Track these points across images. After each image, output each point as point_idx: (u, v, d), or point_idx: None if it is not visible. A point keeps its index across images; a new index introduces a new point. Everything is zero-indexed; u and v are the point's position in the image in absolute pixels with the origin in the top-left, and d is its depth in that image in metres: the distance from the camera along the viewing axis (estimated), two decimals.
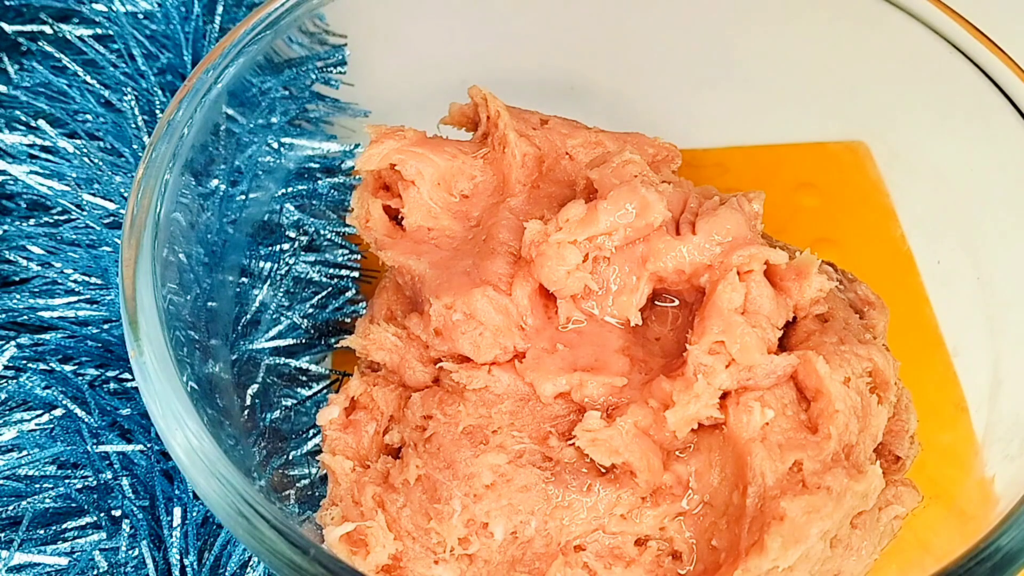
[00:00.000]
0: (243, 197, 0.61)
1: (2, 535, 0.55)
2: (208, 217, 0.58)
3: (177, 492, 0.56)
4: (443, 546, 0.51)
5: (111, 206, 0.63)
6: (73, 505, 0.56)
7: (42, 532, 0.55)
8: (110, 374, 0.60)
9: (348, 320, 0.66)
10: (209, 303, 0.56)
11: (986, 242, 0.65)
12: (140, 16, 0.70)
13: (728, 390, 0.51)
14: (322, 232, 0.66)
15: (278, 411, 0.60)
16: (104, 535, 0.55)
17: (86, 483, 0.56)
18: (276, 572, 0.45)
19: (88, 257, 0.62)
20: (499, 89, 0.61)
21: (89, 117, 0.66)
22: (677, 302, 0.57)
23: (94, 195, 0.63)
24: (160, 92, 0.67)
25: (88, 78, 0.67)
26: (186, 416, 0.47)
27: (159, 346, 0.48)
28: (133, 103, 0.65)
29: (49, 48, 0.68)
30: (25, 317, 0.61)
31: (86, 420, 0.57)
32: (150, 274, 0.50)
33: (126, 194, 0.63)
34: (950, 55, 0.61)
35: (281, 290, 0.63)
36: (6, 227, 0.63)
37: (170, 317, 0.50)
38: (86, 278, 0.62)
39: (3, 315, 0.61)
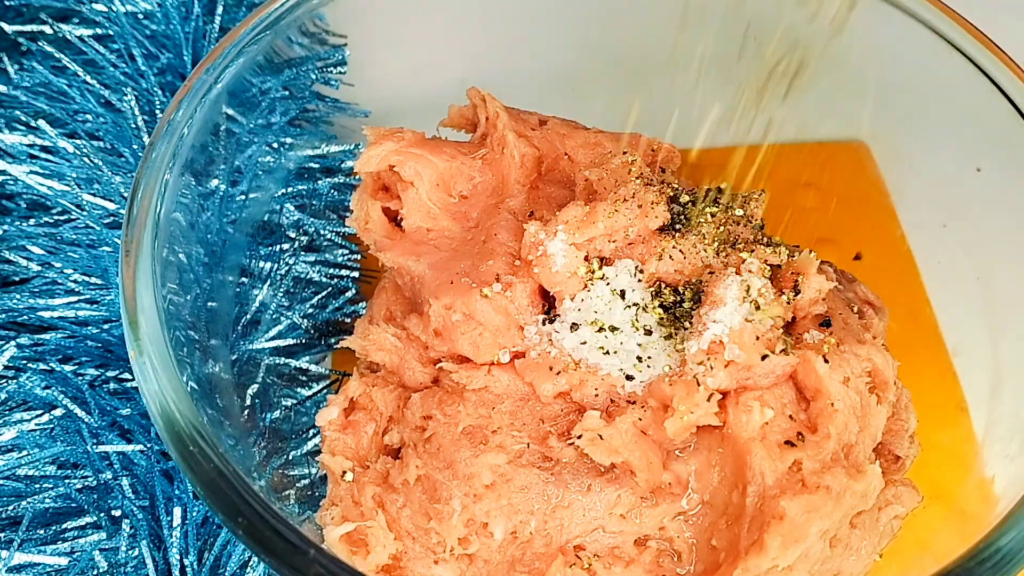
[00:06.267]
0: (243, 197, 0.61)
1: (2, 535, 0.55)
2: (208, 217, 0.58)
3: (177, 492, 0.56)
4: (443, 546, 0.51)
5: (111, 206, 0.63)
6: (73, 505, 0.56)
7: (42, 532, 0.55)
8: (110, 374, 0.60)
9: (348, 320, 0.67)
10: (209, 303, 0.56)
11: (986, 242, 0.65)
12: (140, 16, 0.70)
13: (727, 390, 0.51)
14: (322, 232, 0.66)
15: (278, 411, 0.60)
16: (104, 535, 0.55)
17: (86, 483, 0.56)
18: (276, 572, 0.45)
19: (88, 257, 0.62)
20: (498, 90, 0.61)
21: (89, 117, 0.66)
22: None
23: (94, 195, 0.63)
24: (160, 92, 0.67)
25: (88, 78, 0.67)
26: (186, 416, 0.47)
27: (159, 346, 0.48)
28: (133, 103, 0.65)
29: (49, 48, 0.68)
30: (25, 317, 0.61)
31: (86, 420, 0.57)
32: (150, 274, 0.50)
33: (126, 194, 0.63)
34: (950, 55, 0.61)
35: (281, 290, 0.63)
36: (6, 227, 0.63)
37: (170, 317, 0.50)
38: (86, 278, 0.62)
39: (3, 315, 0.61)
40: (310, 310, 0.65)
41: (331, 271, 0.66)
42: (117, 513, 0.56)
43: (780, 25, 0.68)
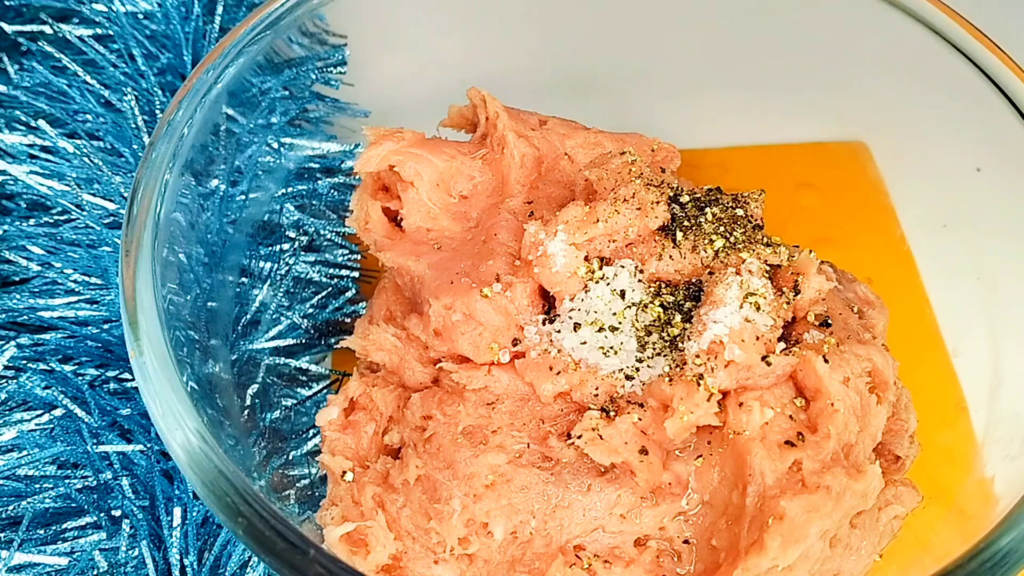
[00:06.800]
0: (243, 197, 0.61)
1: (2, 535, 0.55)
2: (208, 217, 0.58)
3: (177, 492, 0.56)
4: (443, 546, 0.51)
5: (111, 206, 0.63)
6: (73, 505, 0.56)
7: (42, 532, 0.55)
8: (110, 374, 0.60)
9: (348, 320, 0.67)
10: (209, 303, 0.56)
11: (986, 242, 0.65)
12: (140, 16, 0.70)
13: (727, 390, 0.51)
14: (322, 232, 0.66)
15: (278, 411, 0.60)
16: (104, 535, 0.55)
17: (86, 483, 0.56)
18: (276, 572, 0.45)
19: (88, 257, 0.62)
20: (498, 90, 0.61)
21: (89, 117, 0.66)
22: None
23: (94, 195, 0.63)
24: (160, 92, 0.67)
25: (88, 78, 0.67)
26: (186, 416, 0.47)
27: (159, 346, 0.48)
28: (133, 103, 0.65)
29: (49, 48, 0.69)
30: (25, 317, 0.61)
31: (86, 420, 0.57)
32: (150, 274, 0.50)
33: (126, 194, 0.63)
34: (950, 55, 0.61)
35: (281, 290, 0.63)
36: (6, 227, 0.63)
37: (170, 317, 0.50)
38: (86, 278, 0.62)
39: (3, 315, 0.61)
40: (310, 310, 0.65)
41: (331, 271, 0.66)
42: (117, 513, 0.56)
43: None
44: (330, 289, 0.66)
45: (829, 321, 0.54)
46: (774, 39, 0.71)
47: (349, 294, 0.67)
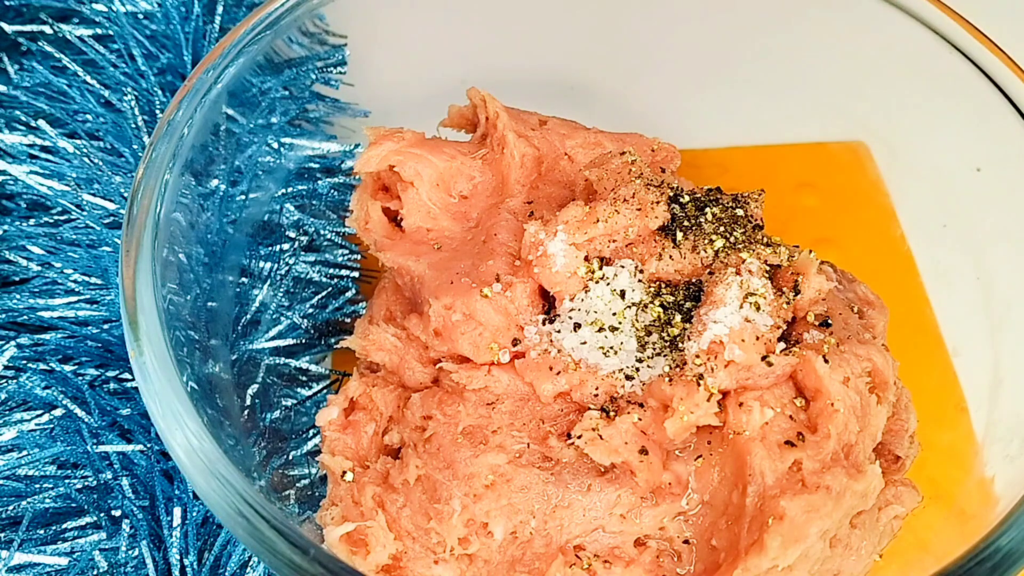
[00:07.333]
0: (243, 197, 0.61)
1: (2, 535, 0.55)
2: (208, 217, 0.58)
3: (177, 492, 0.56)
4: (443, 546, 0.51)
5: (111, 206, 0.63)
6: (73, 505, 0.56)
7: (42, 532, 0.55)
8: (110, 374, 0.61)
9: (348, 320, 0.67)
10: (209, 303, 0.56)
11: (986, 242, 0.65)
12: (140, 16, 0.70)
13: (727, 390, 0.51)
14: (322, 232, 0.66)
15: (278, 411, 0.60)
16: (104, 535, 0.55)
17: (86, 483, 0.56)
18: (276, 572, 0.45)
19: (88, 257, 0.62)
20: (498, 90, 0.61)
21: (89, 117, 0.66)
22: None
23: (94, 195, 0.63)
24: (160, 92, 0.67)
25: (88, 78, 0.67)
26: (186, 416, 0.47)
27: (159, 346, 0.48)
28: (133, 103, 0.65)
29: (49, 48, 0.69)
30: (25, 317, 0.61)
31: (86, 420, 0.57)
32: (150, 274, 0.50)
33: (126, 194, 0.63)
34: (950, 55, 0.61)
35: (281, 290, 0.63)
36: (6, 227, 0.63)
37: (170, 317, 0.50)
38: (86, 278, 0.62)
39: (3, 315, 0.61)
40: (310, 310, 0.65)
41: (331, 271, 0.66)
42: (117, 513, 0.56)
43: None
44: (330, 289, 0.66)
45: (829, 321, 0.54)
46: (774, 39, 0.71)
47: (349, 294, 0.67)
